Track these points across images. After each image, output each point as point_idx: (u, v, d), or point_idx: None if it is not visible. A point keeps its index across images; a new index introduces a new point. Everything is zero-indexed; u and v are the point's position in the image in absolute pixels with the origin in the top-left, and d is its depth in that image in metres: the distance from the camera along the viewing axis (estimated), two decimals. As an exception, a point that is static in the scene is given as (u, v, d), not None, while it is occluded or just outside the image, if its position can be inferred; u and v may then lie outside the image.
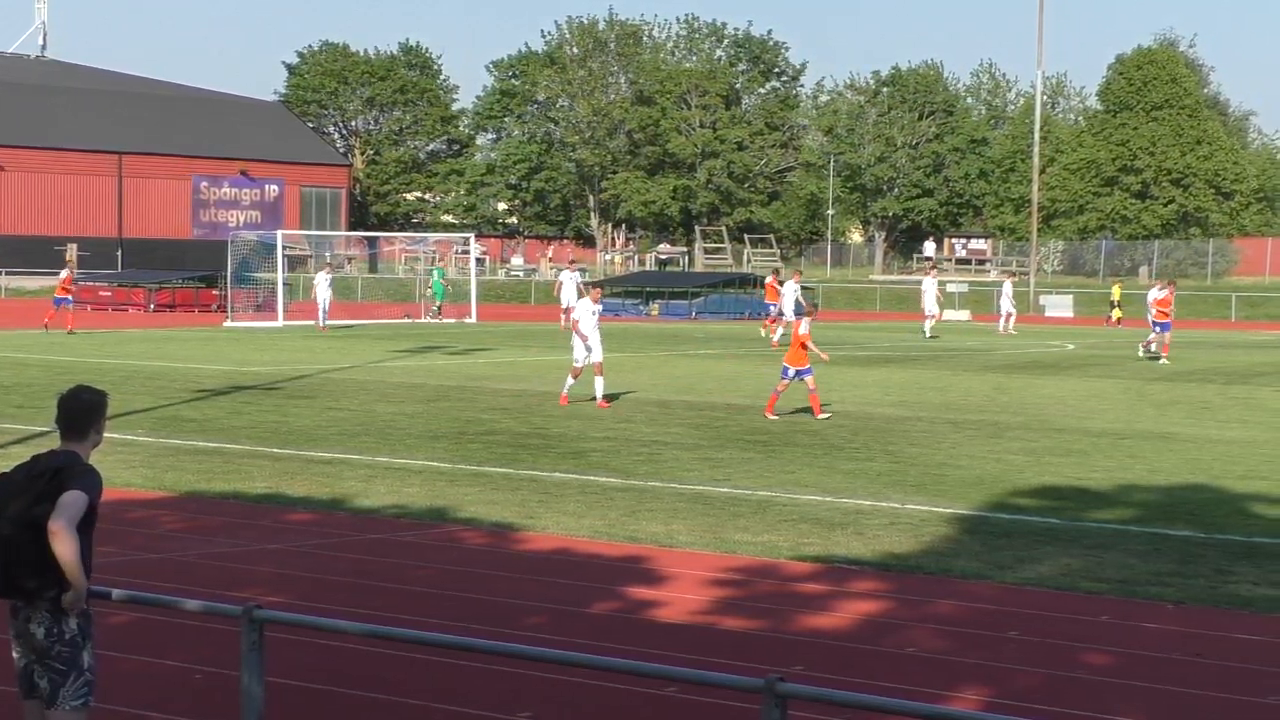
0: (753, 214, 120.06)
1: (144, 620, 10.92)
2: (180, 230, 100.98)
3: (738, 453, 21.37)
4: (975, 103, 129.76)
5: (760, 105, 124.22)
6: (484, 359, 40.02)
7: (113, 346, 42.74)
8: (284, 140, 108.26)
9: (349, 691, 9.80)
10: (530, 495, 17.34)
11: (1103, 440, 23.48)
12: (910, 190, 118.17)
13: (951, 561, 14.01)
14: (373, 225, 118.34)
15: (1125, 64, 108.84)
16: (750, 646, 11.00)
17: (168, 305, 69.31)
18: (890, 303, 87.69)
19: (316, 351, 41.84)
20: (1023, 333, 58.94)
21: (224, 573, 13.16)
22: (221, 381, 31.37)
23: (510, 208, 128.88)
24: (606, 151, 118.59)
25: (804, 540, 14.89)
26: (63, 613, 6.92)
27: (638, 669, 7.57)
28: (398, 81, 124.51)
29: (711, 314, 71.40)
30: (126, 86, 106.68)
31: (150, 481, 17.80)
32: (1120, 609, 12.36)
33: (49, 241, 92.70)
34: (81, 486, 6.86)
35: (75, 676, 6.97)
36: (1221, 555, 14.43)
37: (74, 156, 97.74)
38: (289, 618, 8.48)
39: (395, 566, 13.58)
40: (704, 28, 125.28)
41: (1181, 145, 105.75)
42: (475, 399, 28.59)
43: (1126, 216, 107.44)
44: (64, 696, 6.96)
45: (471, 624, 11.29)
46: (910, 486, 18.41)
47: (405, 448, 21.34)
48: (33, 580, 6.86)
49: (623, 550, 14.39)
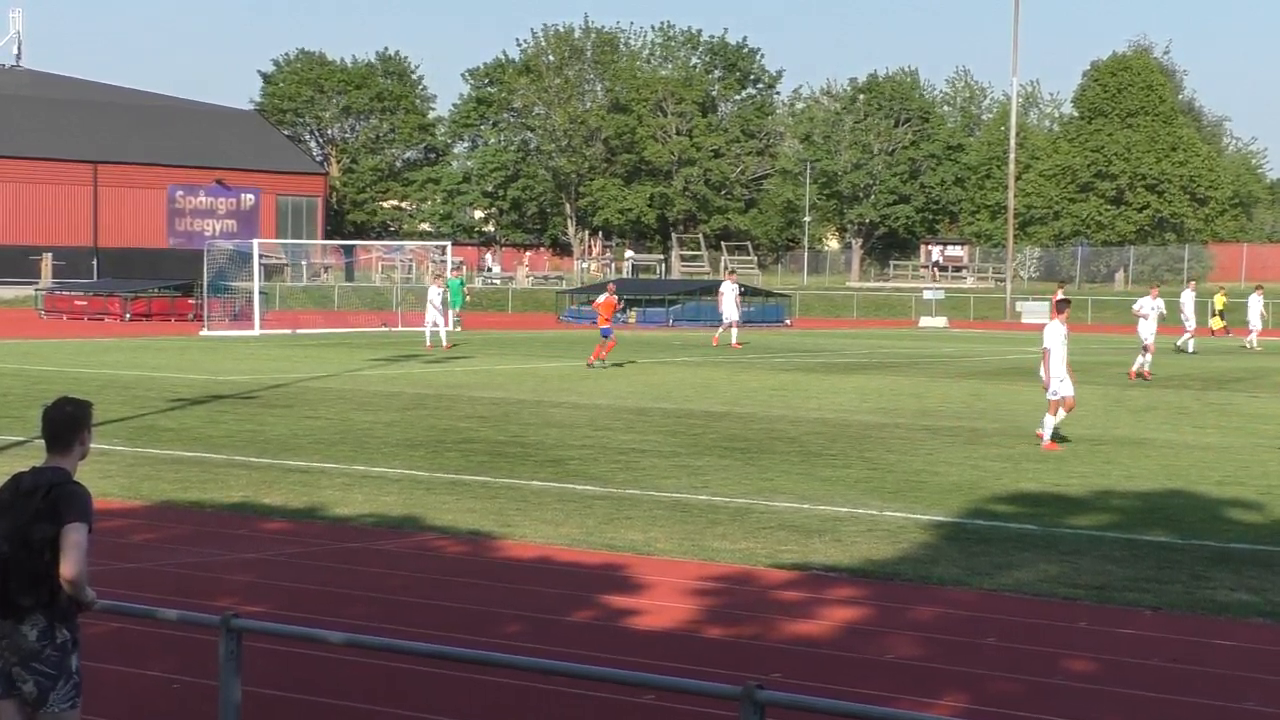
0: (730, 221, 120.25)
1: (121, 630, 10.88)
2: (156, 239, 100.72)
3: (716, 460, 21.37)
4: (951, 110, 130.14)
5: (736, 113, 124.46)
6: (461, 367, 39.98)
7: (88, 356, 42.61)
8: (260, 149, 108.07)
9: (327, 700, 9.78)
10: (508, 503, 17.32)
11: (1080, 446, 23.53)
12: (887, 197, 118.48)
13: (929, 568, 14.02)
14: (349, 234, 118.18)
15: (1100, 70, 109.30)
16: (728, 654, 10.99)
17: (144, 314, 69.15)
18: (867, 309, 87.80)
19: (293, 360, 41.76)
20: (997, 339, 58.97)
21: (201, 582, 13.12)
22: (198, 391, 31.29)
23: (487, 215, 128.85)
24: (583, 159, 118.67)
25: (782, 547, 14.89)
26: (59, 618, 6.93)
27: (616, 677, 7.56)
28: (374, 89, 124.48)
29: (688, 321, 71.47)
30: (102, 96, 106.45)
31: (127, 491, 17.75)
32: (1097, 615, 12.38)
33: (24, 251, 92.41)
34: (80, 516, 6.86)
35: (65, 680, 7.00)
36: (1198, 561, 14.47)
37: (49, 166, 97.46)
38: (266, 627, 8.47)
39: (372, 575, 13.56)
40: (679, 35, 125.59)
41: (1156, 151, 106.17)
42: (453, 407, 28.56)
43: (1102, 222, 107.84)
44: (54, 699, 6.99)
45: (449, 632, 11.27)
46: (888, 493, 18.42)
47: (382, 456, 21.31)
48: (29, 598, 6.88)
49: (601, 558, 14.37)
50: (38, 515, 6.85)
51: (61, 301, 73.24)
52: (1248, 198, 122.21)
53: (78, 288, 77.12)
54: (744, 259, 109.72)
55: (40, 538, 6.82)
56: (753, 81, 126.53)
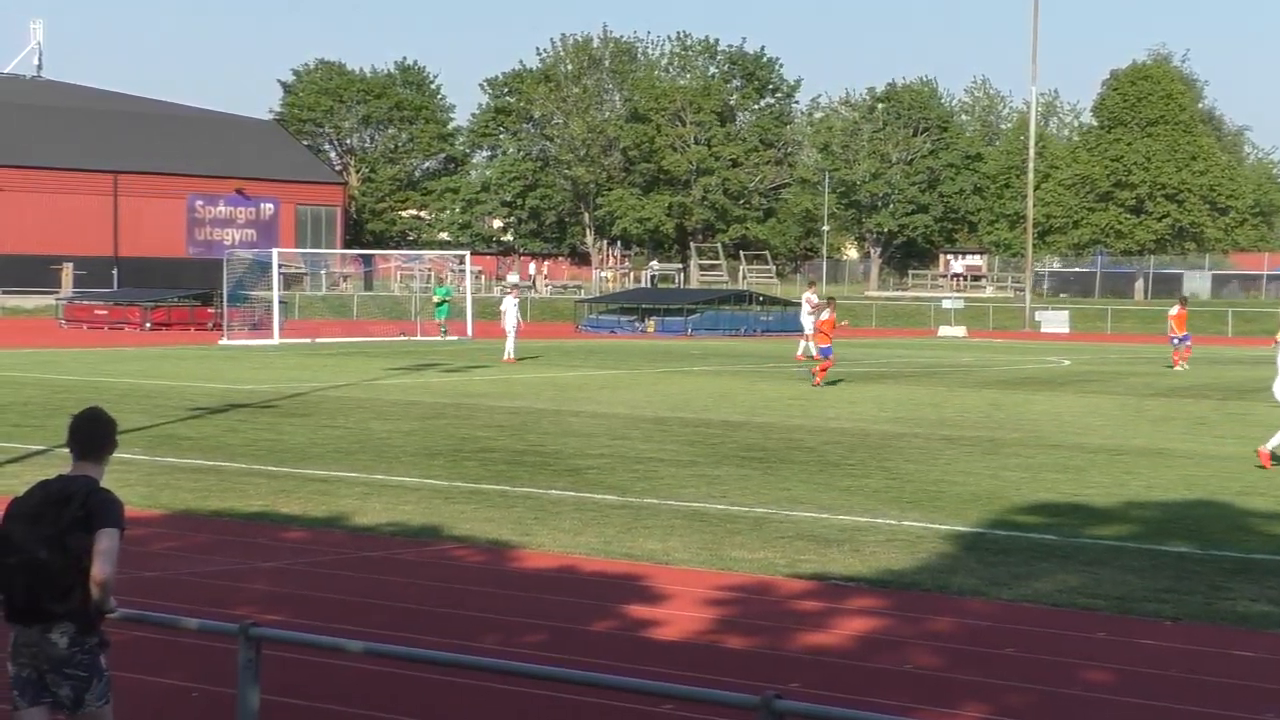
0: (748, 230, 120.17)
1: (141, 638, 10.89)
2: (176, 249, 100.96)
3: (734, 469, 21.35)
4: (970, 119, 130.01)
5: (755, 122, 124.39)
6: (480, 376, 40.02)
7: (109, 365, 42.71)
8: (279, 159, 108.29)
9: (345, 709, 9.78)
10: (526, 513, 17.32)
11: (1099, 456, 23.48)
12: (905, 206, 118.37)
13: (948, 578, 13.99)
14: (368, 243, 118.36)
15: (1120, 79, 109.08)
16: (747, 663, 10.98)
17: (163, 324, 69.27)
18: (886, 319, 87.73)
19: (312, 370, 41.83)
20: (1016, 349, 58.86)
21: (220, 591, 13.14)
22: (217, 400, 31.35)
23: (505, 225, 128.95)
24: (601, 169, 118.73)
25: (801, 557, 14.87)
26: (88, 624, 6.99)
27: (634, 686, 7.56)
28: (393, 99, 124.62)
29: (707, 330, 71.46)
30: (122, 106, 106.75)
31: (146, 500, 17.77)
32: (1117, 626, 12.34)
33: (45, 260, 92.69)
34: (113, 523, 6.93)
35: (98, 679, 7.09)
36: (1218, 571, 14.42)
37: (70, 176, 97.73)
38: (285, 635, 8.48)
39: (392, 584, 13.56)
40: (697, 45, 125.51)
41: (1176, 160, 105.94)
42: (471, 416, 28.58)
43: (1121, 231, 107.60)
44: (89, 699, 7.09)
45: (468, 641, 11.27)
46: (907, 503, 18.39)
47: (401, 465, 21.32)
48: (60, 605, 6.93)
49: (619, 567, 14.37)
50: (75, 523, 6.91)
51: (82, 311, 73.42)
52: (1268, 207, 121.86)
53: (98, 297, 77.32)
54: (762, 268, 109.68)
55: (77, 545, 6.89)
56: (771, 91, 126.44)
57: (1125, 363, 51.03)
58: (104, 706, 7.12)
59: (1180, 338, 47.91)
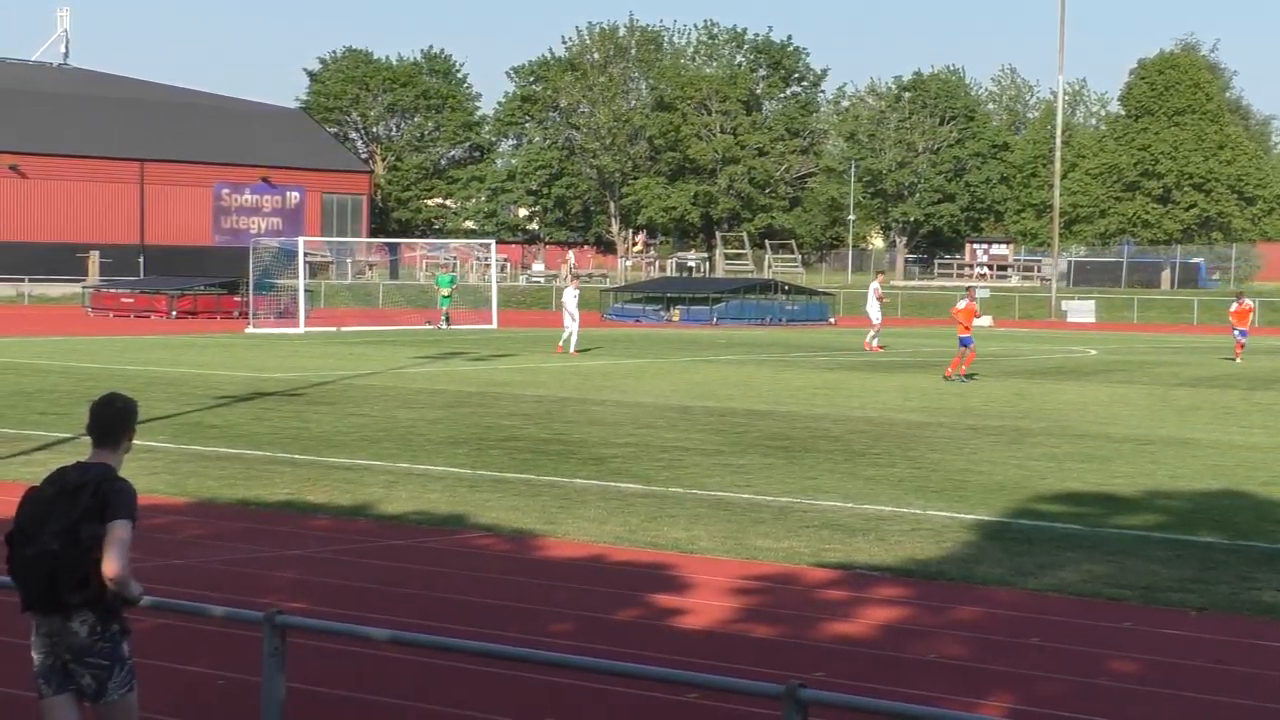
0: (774, 220, 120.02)
1: (167, 626, 10.93)
2: (202, 237, 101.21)
3: (759, 458, 21.34)
4: (996, 108, 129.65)
5: (781, 111, 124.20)
6: (505, 365, 40.05)
7: (135, 353, 42.85)
8: (305, 147, 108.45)
9: (371, 697, 9.80)
10: (551, 501, 17.34)
11: (1125, 446, 23.42)
12: (931, 195, 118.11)
13: (974, 568, 13.97)
14: (394, 231, 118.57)
15: (1147, 69, 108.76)
16: (772, 652, 10.98)
17: (189, 312, 69.49)
18: (912, 308, 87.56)
19: (337, 358, 41.91)
20: (1042, 338, 58.73)
21: (246, 579, 13.18)
22: (242, 388, 31.42)
23: (531, 214, 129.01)
24: (627, 157, 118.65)
25: (825, 546, 14.86)
26: (107, 612, 6.97)
27: (659, 675, 7.56)
28: (419, 88, 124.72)
29: (732, 319, 71.40)
30: (148, 94, 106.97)
31: (172, 488, 17.84)
32: (1143, 616, 12.31)
33: (72, 249, 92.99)
34: (126, 514, 6.89)
35: (120, 667, 7.07)
36: (1245, 562, 14.38)
37: (96, 164, 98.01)
38: (310, 624, 8.50)
39: (417, 573, 13.59)
40: (724, 33, 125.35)
41: (1203, 150, 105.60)
42: (496, 405, 28.61)
43: (1148, 221, 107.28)
44: (112, 688, 7.06)
45: (493, 630, 11.29)
46: (932, 492, 18.37)
47: (426, 454, 21.35)
48: (77, 596, 6.91)
49: (644, 556, 14.37)
50: (87, 513, 6.88)
51: (108, 299, 73.64)
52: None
53: (124, 285, 77.52)
54: (788, 258, 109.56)
55: (89, 535, 6.85)
56: (797, 80, 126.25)
57: (1152, 352, 50.88)
58: (128, 694, 7.10)
59: (1239, 331, 46.90)
